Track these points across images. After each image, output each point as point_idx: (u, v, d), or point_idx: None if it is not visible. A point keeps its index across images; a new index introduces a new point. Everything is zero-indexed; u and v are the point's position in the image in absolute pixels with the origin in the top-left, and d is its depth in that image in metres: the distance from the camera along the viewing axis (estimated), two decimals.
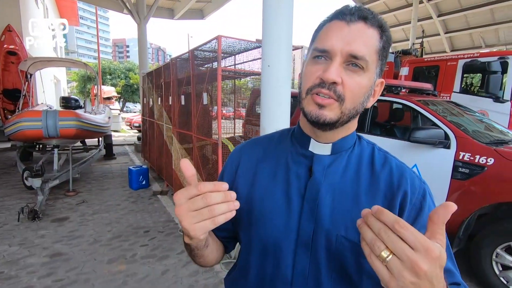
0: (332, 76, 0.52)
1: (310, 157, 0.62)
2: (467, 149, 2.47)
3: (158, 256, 2.82)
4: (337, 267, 0.57)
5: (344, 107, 0.55)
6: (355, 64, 0.53)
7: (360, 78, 0.54)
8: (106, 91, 19.30)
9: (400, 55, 7.07)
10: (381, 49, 0.55)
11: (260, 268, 0.63)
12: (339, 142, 0.61)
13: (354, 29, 0.53)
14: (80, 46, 74.15)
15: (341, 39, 0.53)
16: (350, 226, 0.56)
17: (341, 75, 0.53)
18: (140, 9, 8.77)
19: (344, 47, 0.52)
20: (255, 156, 0.68)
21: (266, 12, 2.25)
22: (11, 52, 7.17)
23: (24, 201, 4.14)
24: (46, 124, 4.38)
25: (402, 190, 0.57)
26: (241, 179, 0.67)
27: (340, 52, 0.53)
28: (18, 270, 2.55)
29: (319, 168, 0.60)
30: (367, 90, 0.56)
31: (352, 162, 0.61)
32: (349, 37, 0.53)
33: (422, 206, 0.56)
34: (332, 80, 0.52)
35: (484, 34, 12.42)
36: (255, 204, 0.63)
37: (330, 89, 0.53)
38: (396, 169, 0.60)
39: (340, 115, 0.55)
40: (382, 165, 0.61)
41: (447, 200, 2.51)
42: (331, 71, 0.52)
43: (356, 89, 0.54)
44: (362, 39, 0.53)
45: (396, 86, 3.38)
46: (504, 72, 4.52)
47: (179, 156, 4.19)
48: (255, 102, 4.61)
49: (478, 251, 2.39)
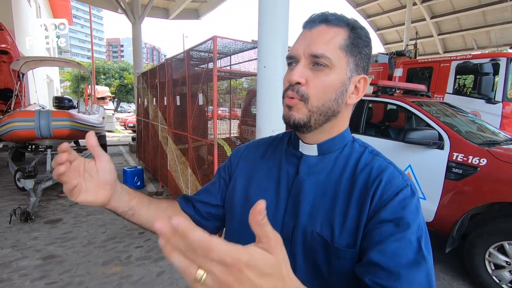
0: (294, 77, 0.56)
1: (299, 157, 0.65)
2: (461, 150, 2.50)
3: (153, 258, 2.81)
4: (310, 263, 0.59)
5: (311, 106, 0.57)
6: (318, 63, 0.56)
7: (326, 76, 0.56)
8: (100, 91, 19.14)
9: (394, 56, 7.14)
10: (348, 45, 0.57)
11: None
12: (325, 143, 0.63)
13: (314, 32, 0.57)
14: (73, 45, 73.33)
15: (303, 43, 0.58)
16: (324, 224, 0.58)
17: (306, 76, 0.57)
18: (135, 9, 8.71)
19: (305, 50, 0.57)
20: (256, 155, 0.73)
21: (262, 13, 2.25)
22: (2, 51, 7.06)
23: (16, 203, 4.07)
24: (39, 124, 4.32)
25: (374, 187, 0.56)
26: (240, 174, 0.73)
27: (303, 54, 0.57)
28: (10, 273, 2.50)
29: (304, 167, 0.63)
30: (337, 86, 0.58)
31: (339, 163, 0.63)
32: (309, 40, 0.57)
33: (389, 202, 0.54)
34: (294, 80, 0.56)
35: (476, 36, 12.61)
36: (250, 198, 0.68)
37: (294, 90, 0.57)
38: (376, 169, 0.59)
39: (309, 115, 0.58)
40: (365, 165, 0.61)
41: (441, 200, 2.55)
42: (293, 73, 0.57)
43: (320, 86, 0.57)
44: (321, 38, 0.56)
45: (390, 87, 3.41)
46: (496, 73, 4.58)
47: (175, 156, 4.16)
48: (251, 102, 4.61)
49: (471, 251, 2.43)
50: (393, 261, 0.48)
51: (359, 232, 0.55)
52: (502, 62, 4.56)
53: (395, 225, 0.51)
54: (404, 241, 0.50)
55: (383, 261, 0.48)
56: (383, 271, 0.48)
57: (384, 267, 0.48)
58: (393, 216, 0.52)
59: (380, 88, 3.42)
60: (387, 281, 0.47)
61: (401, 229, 0.51)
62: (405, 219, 0.51)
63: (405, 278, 0.47)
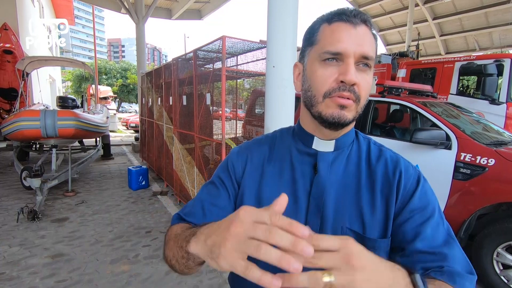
0: (354, 78, 0.55)
1: (314, 154, 0.64)
2: (468, 150, 2.51)
3: (161, 257, 2.81)
4: None
5: (359, 107, 0.58)
6: (365, 64, 0.57)
7: (368, 77, 0.58)
8: (102, 91, 19.15)
9: (397, 57, 7.16)
10: (375, 47, 0.60)
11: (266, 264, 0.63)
12: (341, 138, 0.64)
13: (360, 31, 0.56)
14: (74, 45, 73.47)
15: (352, 41, 0.55)
16: (354, 218, 0.60)
17: (356, 76, 0.56)
18: (139, 9, 8.73)
19: (356, 49, 0.55)
20: (261, 157, 0.69)
21: (271, 13, 2.26)
22: (7, 51, 7.09)
23: (22, 202, 4.09)
24: (45, 123, 4.34)
25: (397, 178, 0.60)
26: (248, 179, 0.68)
27: (354, 54, 0.55)
28: (19, 271, 2.52)
29: (324, 165, 0.63)
30: (371, 86, 0.60)
31: (352, 157, 0.65)
32: (358, 39, 0.56)
33: (414, 192, 0.59)
34: (353, 82, 0.55)
35: (478, 37, 12.63)
36: (263, 203, 0.64)
37: (350, 91, 0.56)
38: (391, 160, 0.63)
39: (355, 115, 0.59)
40: (378, 158, 0.64)
41: (449, 200, 2.56)
42: (351, 73, 0.55)
43: (367, 87, 0.58)
44: (368, 40, 0.57)
45: (397, 88, 3.42)
46: (500, 74, 4.59)
47: (180, 156, 4.18)
48: (255, 102, 4.62)
49: (479, 251, 2.43)
50: (435, 244, 0.54)
51: (388, 222, 0.58)
52: (506, 63, 4.57)
53: (425, 212, 0.57)
54: (436, 224, 0.56)
55: (427, 247, 0.54)
56: (430, 256, 0.53)
57: (430, 252, 0.54)
58: (421, 204, 0.58)
59: (386, 89, 3.43)
60: (438, 263, 0.52)
61: (430, 214, 0.57)
62: (430, 204, 0.58)
63: (450, 255, 0.53)
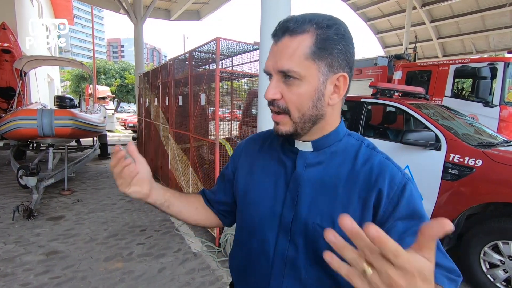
0: (268, 95, 0.60)
1: (296, 152, 0.68)
2: (457, 151, 2.56)
3: (154, 254, 2.85)
4: (312, 252, 0.63)
5: (293, 117, 0.60)
6: (289, 76, 0.58)
7: (298, 88, 0.58)
8: (100, 90, 19.17)
9: (393, 59, 7.21)
10: (314, 51, 0.56)
11: (249, 244, 0.72)
12: (319, 140, 0.65)
13: (280, 46, 0.58)
14: (73, 45, 73.43)
15: (272, 59, 0.60)
16: (325, 216, 0.61)
17: (281, 90, 0.59)
18: (137, 10, 8.78)
19: (274, 66, 0.59)
20: (254, 149, 0.78)
21: (264, 16, 2.31)
22: (5, 50, 7.11)
23: (18, 200, 4.11)
24: (42, 122, 4.36)
25: (378, 187, 0.59)
26: (241, 169, 0.78)
27: (273, 71, 0.59)
28: (14, 267, 2.54)
29: (300, 163, 0.66)
30: (312, 94, 0.58)
31: (335, 157, 0.65)
32: (277, 55, 0.58)
33: (399, 200, 0.58)
34: (269, 99, 0.60)
35: (475, 40, 12.72)
36: (249, 191, 0.73)
37: (274, 105, 0.61)
38: (377, 166, 0.62)
39: (294, 125, 0.61)
40: (365, 161, 0.63)
41: (438, 200, 2.60)
42: (267, 90, 0.60)
43: (295, 99, 0.59)
44: (286, 53, 0.57)
45: (389, 90, 3.47)
46: (494, 77, 4.65)
47: (176, 156, 4.21)
48: (251, 103, 4.66)
49: (466, 250, 2.47)
50: None
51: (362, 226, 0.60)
52: (499, 66, 4.63)
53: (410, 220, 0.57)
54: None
55: None
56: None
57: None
58: (406, 212, 0.58)
59: (379, 90, 3.48)
60: None
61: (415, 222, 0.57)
62: (416, 212, 0.58)
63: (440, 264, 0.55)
